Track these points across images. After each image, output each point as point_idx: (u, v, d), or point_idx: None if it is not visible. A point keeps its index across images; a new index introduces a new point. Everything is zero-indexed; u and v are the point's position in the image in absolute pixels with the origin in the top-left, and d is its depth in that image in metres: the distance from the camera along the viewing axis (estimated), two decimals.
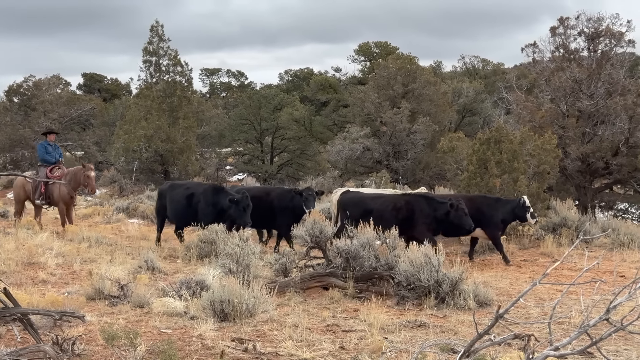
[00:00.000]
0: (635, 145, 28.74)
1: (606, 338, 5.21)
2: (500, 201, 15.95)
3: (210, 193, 15.33)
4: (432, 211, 14.01)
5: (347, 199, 15.41)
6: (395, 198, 14.99)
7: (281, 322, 8.66)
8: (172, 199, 15.92)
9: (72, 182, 17.44)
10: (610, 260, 14.28)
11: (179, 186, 16.53)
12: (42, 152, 17.91)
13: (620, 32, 30.33)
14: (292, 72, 72.37)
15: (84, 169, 17.34)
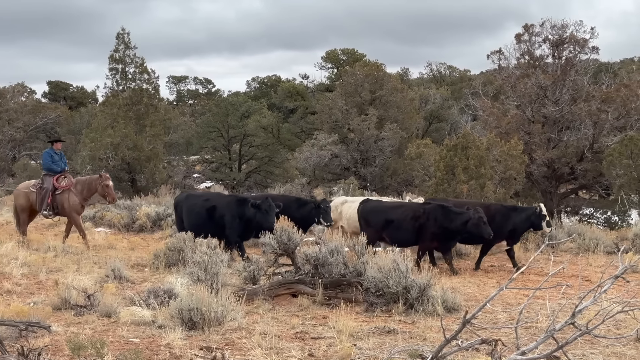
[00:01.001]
0: (599, 151, 29.10)
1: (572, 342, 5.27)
2: (515, 209, 15.81)
3: (235, 205, 14.82)
4: (450, 221, 13.92)
5: (368, 208, 15.23)
6: (415, 207, 14.89)
7: (250, 330, 8.63)
8: (191, 211, 15.25)
9: (84, 191, 17.04)
10: (576, 265, 14.41)
11: (197, 197, 15.94)
12: (48, 161, 17.30)
13: (584, 39, 30.76)
14: (260, 80, 72.37)
15: (101, 179, 16.93)
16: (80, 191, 17.04)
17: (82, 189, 17.07)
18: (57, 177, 17.14)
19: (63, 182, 17.13)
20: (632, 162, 24.13)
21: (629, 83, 31.57)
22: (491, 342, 5.55)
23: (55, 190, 16.99)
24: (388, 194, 32.85)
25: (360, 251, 11.60)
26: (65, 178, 17.24)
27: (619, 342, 8.05)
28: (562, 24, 31.11)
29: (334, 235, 14.00)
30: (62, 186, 17.01)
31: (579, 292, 6.41)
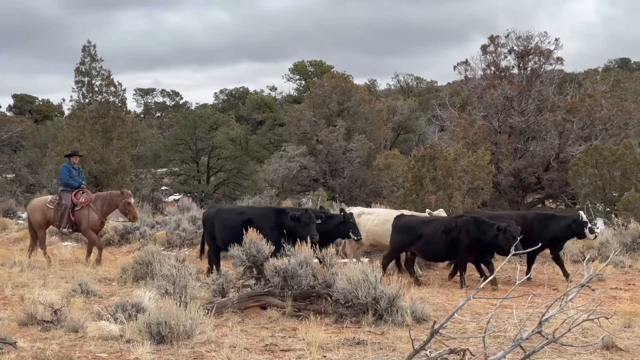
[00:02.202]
0: (565, 160, 29.42)
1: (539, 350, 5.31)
2: (554, 217, 15.60)
3: (273, 217, 14.31)
4: (481, 234, 13.67)
5: (401, 223, 14.94)
6: (446, 221, 14.66)
7: (219, 343, 8.59)
8: (224, 225, 14.55)
9: (104, 207, 16.67)
10: (543, 274, 14.52)
11: (230, 211, 15.29)
12: (66, 176, 16.85)
13: (548, 50, 31.14)
14: (228, 92, 72.23)
15: (123, 196, 16.60)
16: (99, 207, 16.63)
17: (101, 205, 16.67)
18: (75, 193, 16.72)
19: (82, 197, 16.71)
20: (597, 171, 24.41)
21: (593, 93, 31.98)
22: (459, 352, 5.58)
23: (74, 206, 16.59)
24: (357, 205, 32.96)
25: (329, 262, 11.60)
26: (84, 194, 16.81)
27: (586, 350, 8.13)
28: (527, 35, 31.49)
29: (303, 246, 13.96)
30: (81, 202, 16.60)
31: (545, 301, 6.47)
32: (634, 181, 23.31)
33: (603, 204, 24.56)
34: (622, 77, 67.53)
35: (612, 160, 24.01)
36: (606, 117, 30.13)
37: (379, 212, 16.84)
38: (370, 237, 16.27)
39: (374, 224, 16.27)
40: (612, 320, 9.50)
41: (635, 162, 23.83)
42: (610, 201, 24.35)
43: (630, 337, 9.13)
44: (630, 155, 23.99)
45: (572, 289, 5.54)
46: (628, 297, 12.63)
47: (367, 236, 16.20)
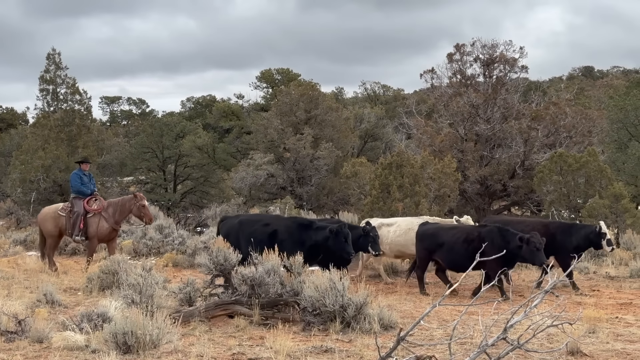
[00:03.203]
0: (530, 168, 29.69)
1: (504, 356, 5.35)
2: (574, 227, 15.48)
3: (296, 229, 13.84)
4: (505, 244, 13.17)
5: (423, 230, 14.72)
6: (468, 229, 14.48)
7: (186, 352, 8.55)
8: (250, 237, 13.82)
9: (116, 215, 16.39)
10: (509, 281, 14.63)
11: (255, 221, 14.64)
12: (77, 183, 16.61)
13: (513, 58, 31.42)
14: (194, 100, 71.98)
15: (136, 199, 16.33)
16: (112, 215, 16.34)
17: (113, 212, 16.39)
18: (87, 200, 16.48)
19: (94, 205, 16.45)
20: (562, 178, 24.67)
21: (557, 101, 32.33)
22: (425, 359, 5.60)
23: (86, 213, 16.32)
24: (324, 213, 33.00)
25: (297, 270, 11.60)
26: (97, 201, 16.55)
27: (551, 355, 8.20)
28: (492, 43, 31.75)
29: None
30: (94, 209, 16.34)
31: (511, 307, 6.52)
32: (598, 188, 23.57)
33: (568, 211, 24.81)
34: (586, 85, 68.36)
35: (576, 167, 24.28)
36: (570, 124, 30.46)
37: (399, 222, 16.50)
38: (394, 248, 15.98)
39: (397, 234, 15.98)
40: (577, 326, 9.61)
41: (599, 169, 24.11)
42: (574, 208, 24.60)
43: (594, 343, 9.23)
44: (594, 162, 24.27)
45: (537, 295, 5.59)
46: (592, 303, 12.77)
47: (390, 247, 15.93)
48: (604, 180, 23.77)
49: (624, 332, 10.04)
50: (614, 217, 21.29)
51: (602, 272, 16.86)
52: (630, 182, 33.46)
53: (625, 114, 36.87)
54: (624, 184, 27.52)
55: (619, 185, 23.57)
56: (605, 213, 21.65)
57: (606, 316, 10.97)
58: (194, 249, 18.55)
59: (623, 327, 10.54)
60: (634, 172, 34.75)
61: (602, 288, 14.70)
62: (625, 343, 9.34)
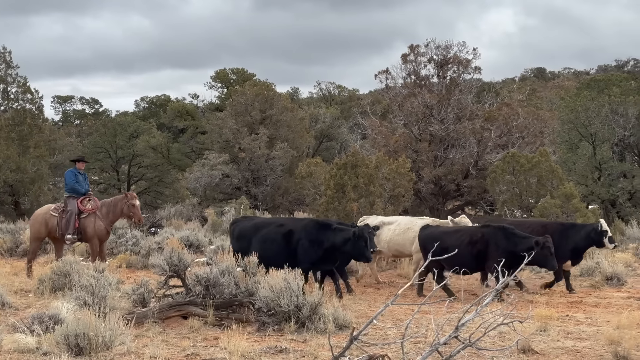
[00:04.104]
0: (483, 168, 30.02)
1: (456, 355, 5.40)
2: (574, 227, 15.35)
3: (315, 229, 13.55)
4: (512, 246, 13.10)
5: (427, 235, 14.34)
6: (472, 231, 14.15)
7: (139, 353, 8.49)
8: (263, 239, 13.74)
9: (109, 215, 15.99)
10: (462, 280, 14.76)
11: (268, 223, 14.39)
12: (72, 181, 16.14)
13: (467, 60, 31.74)
14: (149, 99, 71.36)
15: (127, 198, 15.91)
16: (105, 215, 15.95)
17: (107, 212, 15.99)
18: (81, 200, 16.04)
19: (88, 204, 16.00)
20: (514, 178, 24.95)
21: (510, 102, 32.76)
22: (378, 358, 5.64)
23: (80, 213, 15.89)
24: (279, 213, 32.99)
25: (251, 271, 11.59)
26: (91, 200, 16.10)
27: (503, 353, 8.30)
28: (446, 44, 32.04)
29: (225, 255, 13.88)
30: (88, 209, 15.91)
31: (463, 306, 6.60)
32: (549, 188, 23.88)
33: (520, 211, 25.11)
34: (538, 87, 69.26)
35: (528, 167, 24.57)
36: (522, 125, 30.86)
37: (399, 221, 16.28)
38: (392, 248, 15.74)
39: (396, 233, 15.73)
40: (529, 324, 9.75)
41: (551, 170, 24.43)
42: (527, 207, 24.90)
43: (545, 341, 9.37)
44: (546, 162, 24.59)
45: (488, 293, 5.66)
46: (544, 301, 12.94)
47: (389, 246, 15.73)
48: (555, 180, 24.10)
49: (574, 330, 10.21)
50: (564, 216, 21.58)
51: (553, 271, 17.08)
52: (581, 182, 33.99)
53: (576, 114, 37.39)
54: (575, 183, 27.93)
55: (570, 185, 23.91)
56: (556, 212, 21.94)
57: (557, 314, 11.13)
58: (148, 249, 18.41)
59: (573, 325, 10.71)
60: (584, 172, 35.31)
61: (554, 287, 14.90)
62: (575, 340, 9.49)
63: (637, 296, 13.80)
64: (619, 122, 36.91)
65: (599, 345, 9.08)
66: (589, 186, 34.55)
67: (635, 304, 12.91)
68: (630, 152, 38.91)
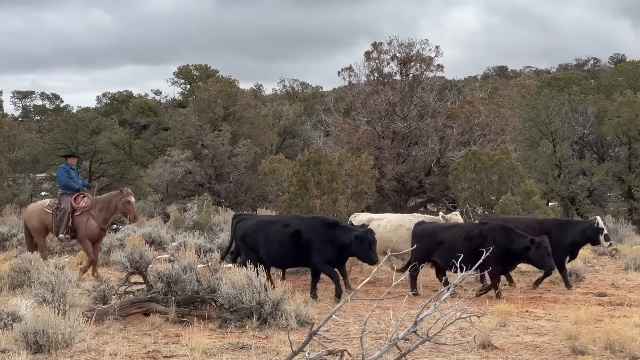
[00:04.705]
0: (445, 165, 30.21)
1: (414, 349, 5.45)
2: (569, 224, 15.32)
3: (324, 229, 13.21)
4: (509, 243, 13.04)
5: (421, 230, 14.16)
6: (469, 228, 14.02)
7: (99, 351, 8.44)
8: (270, 239, 13.40)
9: (104, 212, 15.53)
10: (426, 276, 14.87)
11: (274, 223, 13.93)
12: (65, 178, 15.70)
13: (429, 57, 31.88)
14: (111, 95, 70.69)
15: (122, 194, 15.47)
16: (98, 213, 15.53)
17: (100, 210, 15.57)
18: (75, 197, 15.64)
19: (82, 202, 15.59)
20: (476, 175, 25.16)
21: (472, 100, 32.96)
22: (337, 353, 5.67)
23: (74, 211, 15.50)
24: (242, 210, 32.91)
25: (213, 267, 11.56)
26: (85, 197, 15.70)
27: (463, 349, 8.39)
28: (409, 42, 32.15)
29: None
30: (82, 207, 15.51)
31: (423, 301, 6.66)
32: (510, 185, 24.13)
33: (482, 208, 25.33)
34: (500, 85, 69.96)
35: (489, 165, 24.79)
36: (484, 123, 31.09)
37: (390, 218, 16.16)
38: (383, 245, 15.16)
39: (387, 230, 15.54)
40: (489, 319, 9.86)
41: (512, 167, 24.68)
42: (488, 205, 25.13)
43: (505, 336, 9.47)
44: (507, 160, 24.83)
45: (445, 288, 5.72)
46: (504, 297, 13.07)
47: (380, 243, 14.95)
48: (516, 177, 24.35)
49: (533, 325, 10.33)
50: (525, 213, 21.82)
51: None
52: (541, 179, 34.45)
53: (537, 113, 37.90)
54: (535, 181, 28.30)
55: (531, 183, 24.20)
56: (517, 209, 22.18)
57: (517, 310, 11.26)
58: (109, 246, 18.24)
59: (532, 320, 10.84)
60: (545, 170, 35.79)
61: (514, 283, 15.04)
62: (534, 336, 9.61)
63: (595, 292, 14.01)
64: (579, 120, 37.47)
65: (557, 340, 9.20)
66: (549, 183, 35.03)
67: (593, 299, 13.11)
68: (589, 149, 39.50)
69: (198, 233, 21.19)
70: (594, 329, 9.32)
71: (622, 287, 14.64)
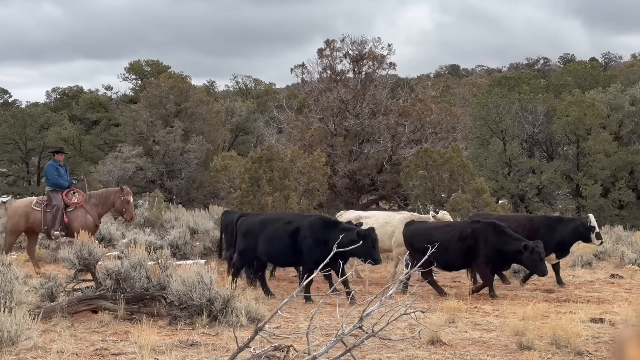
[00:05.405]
0: (397, 163, 30.42)
1: (360, 345, 5.48)
2: (560, 221, 15.30)
3: (319, 227, 12.97)
4: (501, 244, 12.91)
5: (413, 229, 14.01)
6: (461, 227, 13.89)
7: (46, 348, 8.32)
8: (270, 237, 13.24)
9: (99, 207, 15.29)
10: (375, 273, 14.95)
11: (275, 220, 13.73)
12: (54, 175, 15.38)
13: (382, 55, 32.07)
14: (60, 90, 69.76)
15: (122, 193, 15.26)
16: (94, 207, 15.29)
17: (97, 204, 15.34)
18: (66, 193, 15.34)
19: (74, 198, 15.35)
20: (427, 173, 25.38)
21: (423, 98, 33.23)
22: (283, 349, 5.68)
23: (66, 207, 15.19)
24: (194, 207, 32.75)
25: (164, 264, 11.48)
26: (76, 194, 15.45)
27: (412, 344, 8.45)
28: (362, 40, 32.32)
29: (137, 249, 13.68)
30: (74, 203, 15.24)
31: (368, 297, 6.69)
32: (461, 183, 24.38)
33: (433, 205, 25.54)
34: (452, 83, 70.66)
35: (441, 162, 25.03)
36: (436, 121, 31.37)
37: (377, 215, 16.13)
38: None
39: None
40: (438, 315, 9.96)
41: (462, 165, 24.95)
42: (439, 202, 25.35)
43: (454, 332, 9.56)
44: (458, 158, 25.09)
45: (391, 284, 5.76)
46: (453, 293, 13.20)
47: None
48: (467, 175, 24.62)
49: (481, 322, 10.45)
50: (475, 210, 22.06)
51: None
52: (491, 177, 34.87)
53: (487, 111, 38.36)
54: (486, 179, 28.63)
55: (481, 180, 24.49)
56: (467, 207, 22.42)
57: (465, 306, 11.37)
58: (58, 243, 18.00)
59: (481, 316, 10.97)
60: (495, 168, 36.24)
61: (463, 279, 15.22)
62: (482, 332, 9.71)
63: (543, 288, 14.22)
64: (529, 119, 38.02)
65: (505, 336, 9.32)
66: (499, 181, 35.46)
67: (540, 296, 13.31)
68: (538, 148, 40.10)
69: (149, 230, 21.02)
70: (540, 325, 9.46)
71: (569, 284, 14.89)
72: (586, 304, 12.37)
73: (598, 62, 65.59)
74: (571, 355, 8.34)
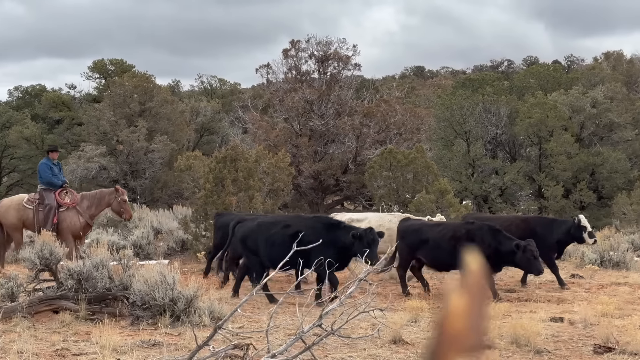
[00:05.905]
0: (362, 163, 30.54)
1: (319, 343, 5.51)
2: (555, 222, 15.29)
3: (324, 229, 12.58)
4: (496, 244, 12.68)
5: (406, 227, 13.81)
6: (455, 226, 13.78)
7: (6, 349, 8.24)
8: (271, 241, 12.75)
9: (92, 208, 15.02)
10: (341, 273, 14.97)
11: (274, 224, 13.27)
12: (47, 174, 15.09)
13: (347, 56, 32.20)
14: (23, 89, 68.98)
15: (117, 193, 14.98)
16: (85, 209, 14.98)
17: (88, 206, 15.04)
18: (58, 192, 15.06)
19: (66, 198, 15.07)
20: (392, 174, 25.48)
21: (388, 99, 33.40)
22: (243, 347, 5.70)
23: (59, 206, 14.92)
24: (158, 207, 32.59)
25: (126, 264, 11.42)
26: (68, 193, 15.18)
27: (374, 343, 8.50)
28: (327, 40, 32.43)
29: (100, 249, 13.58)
30: (67, 203, 14.97)
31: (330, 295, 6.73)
32: (425, 183, 24.51)
33: (397, 205, 25.66)
34: (417, 85, 70.93)
35: (405, 163, 25.14)
36: (400, 122, 31.55)
37: (370, 217, 16.01)
38: None
39: None
40: (400, 315, 10.02)
41: (426, 166, 25.09)
42: (403, 202, 25.47)
43: (416, 332, 9.63)
44: (422, 158, 25.22)
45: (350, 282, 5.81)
46: (416, 293, 13.28)
47: None
48: (431, 176, 24.76)
49: None
50: (439, 211, 22.20)
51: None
52: (455, 178, 35.12)
53: (452, 112, 38.63)
54: (449, 179, 28.80)
55: (444, 181, 24.64)
56: (431, 208, 22.55)
57: (428, 306, 11.45)
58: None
59: None
60: (459, 169, 36.51)
61: (427, 279, 15.31)
62: None
63: (505, 288, 14.36)
64: (492, 120, 38.36)
65: None
66: (463, 182, 35.75)
67: (502, 295, 13.43)
68: (502, 149, 40.49)
69: (112, 230, 20.89)
70: (501, 324, 9.57)
71: (530, 284, 15.04)
72: (547, 303, 12.53)
73: (560, 65, 66.30)
74: (531, 353, 8.45)
